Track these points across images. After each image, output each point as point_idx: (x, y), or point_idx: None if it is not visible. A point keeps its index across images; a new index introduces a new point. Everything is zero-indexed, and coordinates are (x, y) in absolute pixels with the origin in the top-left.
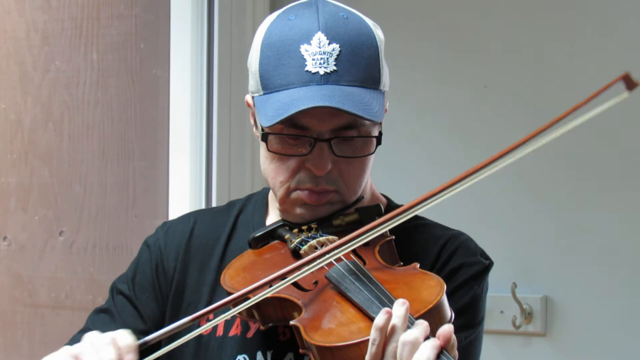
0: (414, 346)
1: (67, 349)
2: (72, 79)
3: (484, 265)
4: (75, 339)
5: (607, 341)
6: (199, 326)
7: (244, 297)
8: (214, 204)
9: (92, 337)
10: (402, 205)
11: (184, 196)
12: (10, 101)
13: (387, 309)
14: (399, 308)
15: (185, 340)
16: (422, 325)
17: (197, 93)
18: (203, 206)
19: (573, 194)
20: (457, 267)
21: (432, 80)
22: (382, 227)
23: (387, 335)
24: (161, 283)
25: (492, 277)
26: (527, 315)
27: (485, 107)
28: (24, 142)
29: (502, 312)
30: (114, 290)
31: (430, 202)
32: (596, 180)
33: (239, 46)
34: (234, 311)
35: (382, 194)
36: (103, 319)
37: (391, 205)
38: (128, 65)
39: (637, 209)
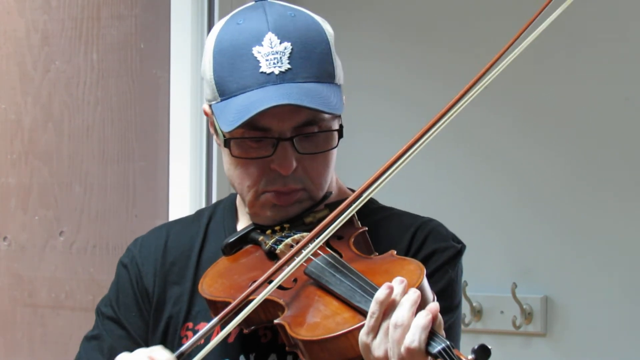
0: (405, 328)
1: None
2: (72, 79)
3: (456, 249)
4: None
5: (607, 341)
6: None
7: (246, 302)
8: (185, 216)
9: (127, 356)
10: (372, 200)
11: (184, 196)
12: (10, 101)
13: (388, 283)
14: (398, 285)
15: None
16: (411, 299)
17: (197, 93)
18: (203, 206)
19: (573, 194)
20: (431, 252)
21: (432, 80)
22: (352, 208)
23: (386, 310)
24: (143, 300)
25: (492, 277)
26: (527, 315)
27: (485, 108)
28: (24, 142)
29: (502, 312)
30: (100, 314)
31: (388, 174)
32: (596, 180)
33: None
34: (240, 318)
35: (349, 188)
36: (95, 346)
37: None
38: (128, 65)
39: (637, 209)
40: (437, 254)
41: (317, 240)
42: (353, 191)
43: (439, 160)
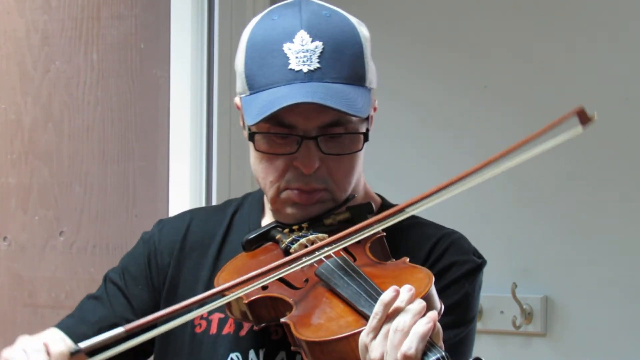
0: (404, 334)
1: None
2: (72, 79)
3: (476, 263)
4: (62, 323)
5: (607, 341)
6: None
7: (221, 293)
8: (213, 204)
9: (24, 342)
10: (396, 205)
11: (184, 196)
12: (10, 101)
13: (395, 287)
14: (405, 293)
15: (143, 339)
16: (417, 308)
17: (197, 93)
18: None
19: (573, 194)
20: (449, 265)
21: (431, 80)
22: (374, 227)
23: (390, 313)
24: (153, 276)
25: (492, 277)
26: (527, 315)
27: (485, 107)
28: (24, 142)
29: (502, 312)
30: (106, 279)
31: (424, 203)
32: (596, 180)
33: (238, 46)
34: (203, 310)
35: (376, 194)
36: (93, 305)
37: (385, 205)
38: (128, 65)
39: (637, 209)
40: (455, 267)
41: (330, 247)
42: (380, 196)
43: (438, 160)
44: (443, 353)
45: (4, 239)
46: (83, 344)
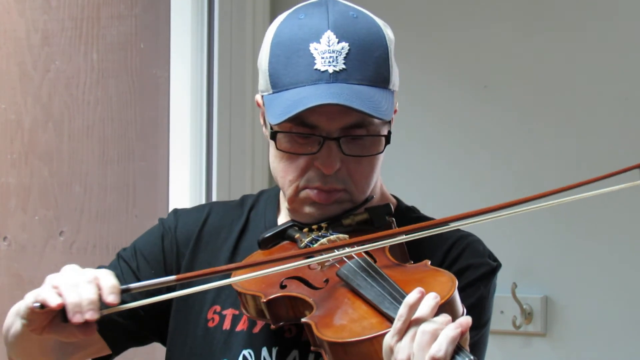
0: (433, 336)
1: (49, 279)
2: (72, 79)
3: (491, 266)
4: None
5: (607, 341)
6: (182, 288)
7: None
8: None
9: (73, 271)
10: (413, 209)
11: (184, 197)
12: (10, 101)
13: (420, 288)
14: (430, 299)
15: (164, 299)
16: (442, 318)
17: (197, 93)
18: None
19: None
20: (465, 267)
21: (431, 80)
22: (401, 238)
23: (412, 320)
24: (167, 263)
25: None
26: (527, 315)
27: (485, 107)
28: (24, 142)
29: (502, 312)
30: (119, 257)
31: (457, 225)
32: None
33: (239, 46)
34: (230, 281)
35: (392, 195)
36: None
37: (400, 206)
38: (128, 65)
39: (637, 209)
40: (470, 269)
41: (357, 248)
42: (395, 198)
43: (439, 160)
44: (472, 357)
45: (4, 239)
46: (133, 285)
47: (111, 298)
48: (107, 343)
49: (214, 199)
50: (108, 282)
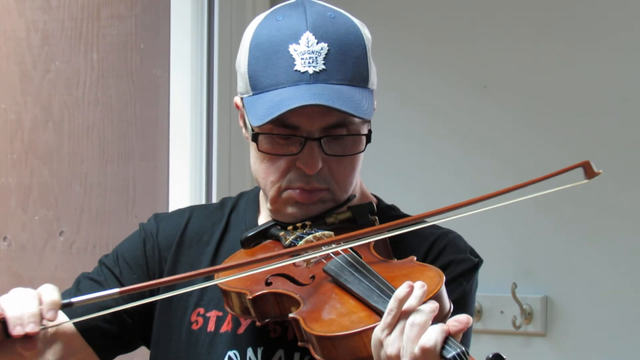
0: (422, 329)
1: None
2: (72, 79)
3: (473, 262)
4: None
5: (607, 341)
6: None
7: (211, 273)
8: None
9: (18, 290)
10: (393, 207)
11: (184, 196)
12: (10, 101)
13: (409, 282)
14: (418, 289)
15: (147, 302)
16: (430, 306)
17: (197, 93)
18: None
19: (573, 194)
20: (447, 263)
21: (432, 80)
22: (386, 232)
23: (404, 310)
24: (150, 268)
25: (492, 277)
26: (527, 315)
27: (485, 107)
28: (24, 142)
29: (502, 312)
30: (101, 263)
31: (440, 217)
32: (596, 180)
33: (239, 46)
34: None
35: (372, 194)
36: (89, 284)
37: (381, 205)
38: (128, 65)
39: (637, 209)
40: (452, 265)
41: (342, 243)
42: (375, 196)
43: (439, 159)
44: (463, 348)
45: (4, 239)
46: (75, 299)
47: (50, 314)
48: (94, 350)
49: (214, 199)
50: (49, 298)
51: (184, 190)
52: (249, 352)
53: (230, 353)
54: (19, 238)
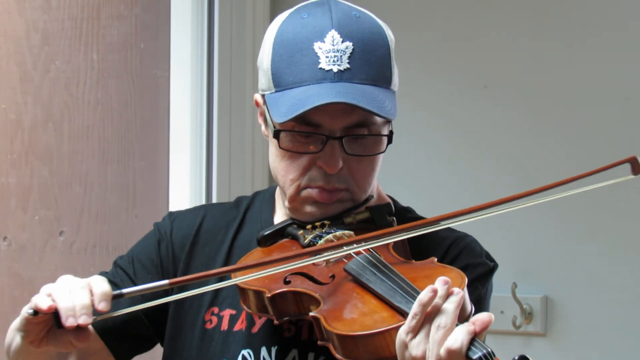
0: (448, 331)
1: (44, 288)
2: (72, 79)
3: (488, 267)
4: None
5: (607, 341)
6: (179, 291)
7: (232, 271)
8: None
9: (67, 279)
10: (409, 209)
11: (184, 196)
12: (10, 101)
13: (432, 286)
14: (442, 287)
15: (158, 303)
16: (454, 304)
17: (197, 93)
18: None
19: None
20: (463, 267)
21: (432, 80)
22: (409, 234)
23: (428, 313)
24: (164, 267)
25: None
26: (527, 315)
27: (485, 107)
28: (24, 142)
29: (502, 312)
30: (116, 265)
31: (459, 220)
32: (596, 180)
33: (239, 46)
34: (232, 282)
35: (387, 195)
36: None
37: (397, 206)
38: (128, 65)
39: (637, 209)
40: (468, 269)
41: (363, 243)
42: (390, 198)
43: (439, 160)
44: (489, 349)
45: (4, 239)
46: (126, 290)
47: (102, 305)
48: (110, 350)
49: (214, 199)
50: (100, 289)
51: (184, 190)
52: (263, 351)
53: (244, 352)
54: (19, 238)
